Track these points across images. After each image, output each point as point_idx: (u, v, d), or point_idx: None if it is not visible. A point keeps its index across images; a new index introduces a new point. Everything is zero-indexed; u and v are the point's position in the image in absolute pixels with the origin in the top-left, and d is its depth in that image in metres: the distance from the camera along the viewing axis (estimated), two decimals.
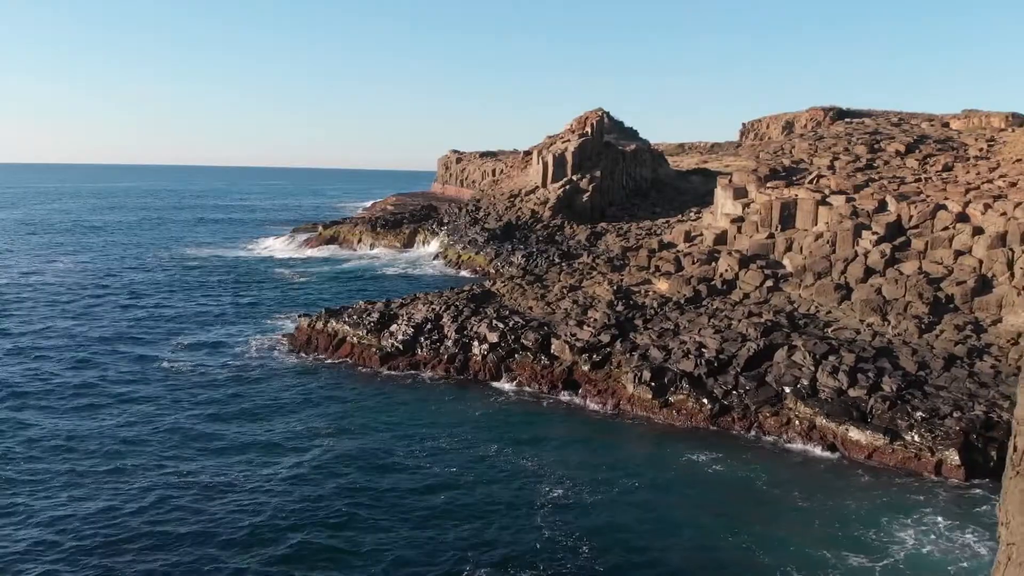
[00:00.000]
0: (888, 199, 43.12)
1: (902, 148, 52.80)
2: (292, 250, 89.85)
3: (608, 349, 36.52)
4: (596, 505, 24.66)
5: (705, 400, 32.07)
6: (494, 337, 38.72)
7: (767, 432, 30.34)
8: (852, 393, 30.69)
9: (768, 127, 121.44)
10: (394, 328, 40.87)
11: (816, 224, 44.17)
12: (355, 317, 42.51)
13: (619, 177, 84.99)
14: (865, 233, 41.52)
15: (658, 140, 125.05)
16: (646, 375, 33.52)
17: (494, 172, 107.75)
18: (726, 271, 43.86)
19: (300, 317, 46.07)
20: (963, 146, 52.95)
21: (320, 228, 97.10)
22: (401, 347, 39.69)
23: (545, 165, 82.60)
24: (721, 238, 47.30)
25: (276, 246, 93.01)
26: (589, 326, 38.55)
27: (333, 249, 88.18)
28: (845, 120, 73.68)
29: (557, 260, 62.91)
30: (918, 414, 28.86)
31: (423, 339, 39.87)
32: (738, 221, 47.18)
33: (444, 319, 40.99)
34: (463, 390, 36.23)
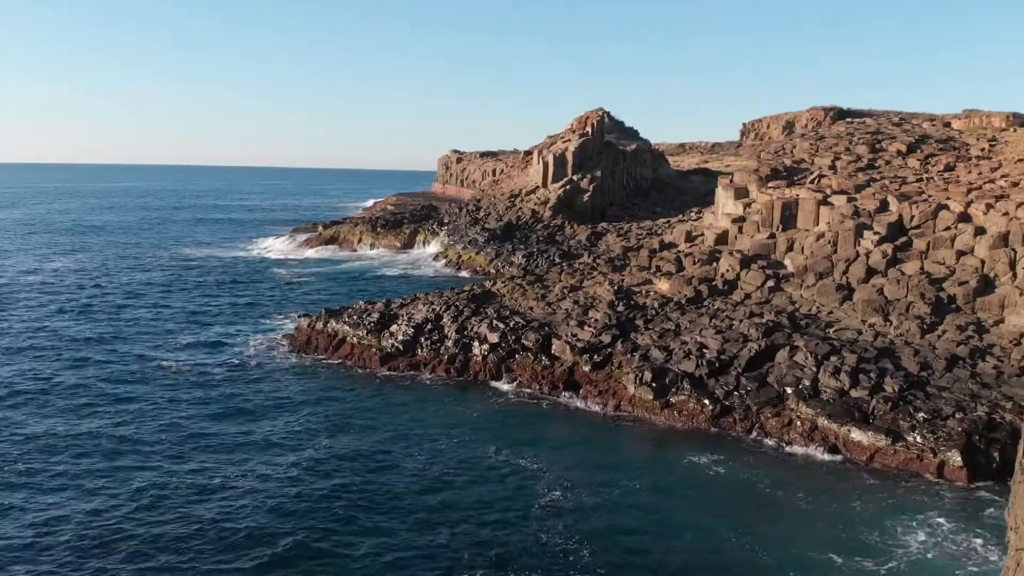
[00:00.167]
0: (890, 199, 42.98)
1: (903, 148, 52.66)
2: (292, 250, 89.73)
3: (609, 349, 36.39)
4: (596, 507, 24.51)
5: (706, 401, 31.94)
6: (495, 337, 38.60)
7: (769, 433, 30.20)
8: (854, 394, 30.56)
9: (768, 127, 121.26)
10: (394, 328, 40.75)
11: (817, 224, 44.04)
12: (355, 317, 42.38)
13: (620, 177, 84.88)
14: (867, 233, 41.39)
15: (659, 140, 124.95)
16: (647, 376, 33.39)
17: (494, 172, 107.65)
18: (727, 271, 43.73)
19: (300, 317, 45.97)
20: (965, 146, 52.81)
21: (320, 228, 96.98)
22: (401, 347, 39.57)
23: (545, 165, 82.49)
24: (722, 238, 47.16)
25: (276, 246, 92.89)
26: (590, 326, 38.43)
27: (333, 249, 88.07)
28: (846, 120, 73.55)
29: (558, 260, 62.80)
30: (920, 415, 28.74)
31: (423, 339, 39.75)
32: (739, 221, 47.05)
33: (444, 319, 40.86)
34: (463, 391, 36.11)
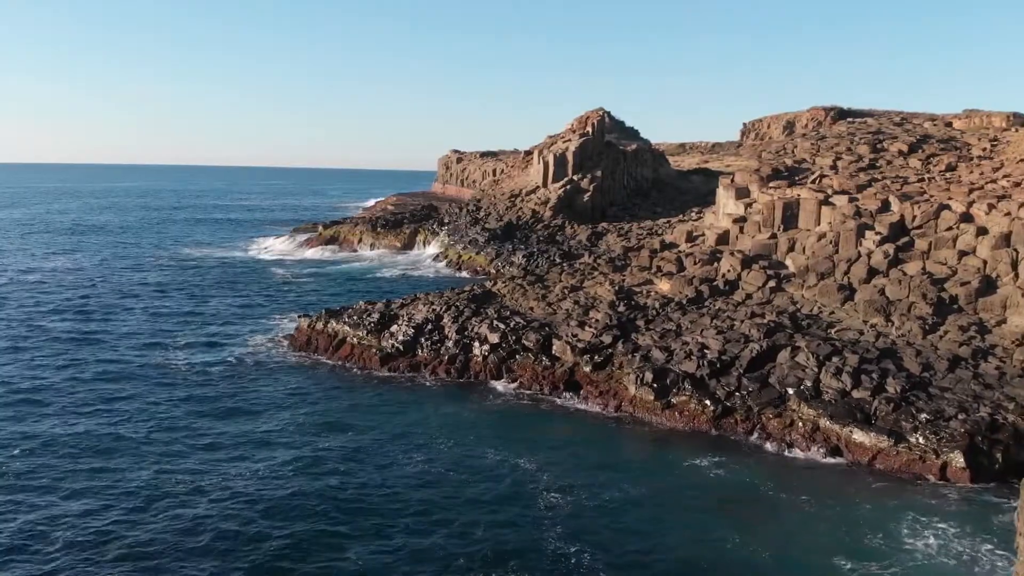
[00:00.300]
0: (891, 199, 42.86)
1: (905, 148, 52.54)
2: (292, 250, 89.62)
3: (610, 350, 36.27)
4: (596, 509, 24.35)
5: (708, 402, 31.82)
6: (495, 338, 38.49)
7: (770, 434, 30.05)
8: (856, 395, 30.44)
9: (769, 127, 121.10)
10: (394, 329, 40.63)
11: (819, 224, 43.92)
12: (355, 318, 42.27)
13: (620, 177, 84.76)
14: (868, 233, 41.26)
15: (659, 140, 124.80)
16: (648, 376, 33.27)
17: (495, 172, 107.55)
18: (728, 271, 43.61)
19: (300, 317, 45.85)
20: (966, 146, 52.69)
21: (320, 228, 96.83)
22: (401, 348, 39.45)
23: (546, 165, 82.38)
24: (723, 238, 47.04)
25: (276, 246, 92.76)
26: (591, 327, 38.31)
27: (333, 249, 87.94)
28: (847, 120, 73.41)
29: (558, 260, 62.70)
30: (923, 416, 28.61)
31: (424, 340, 39.64)
32: (740, 221, 46.93)
33: (445, 320, 40.74)
34: (463, 391, 35.99)
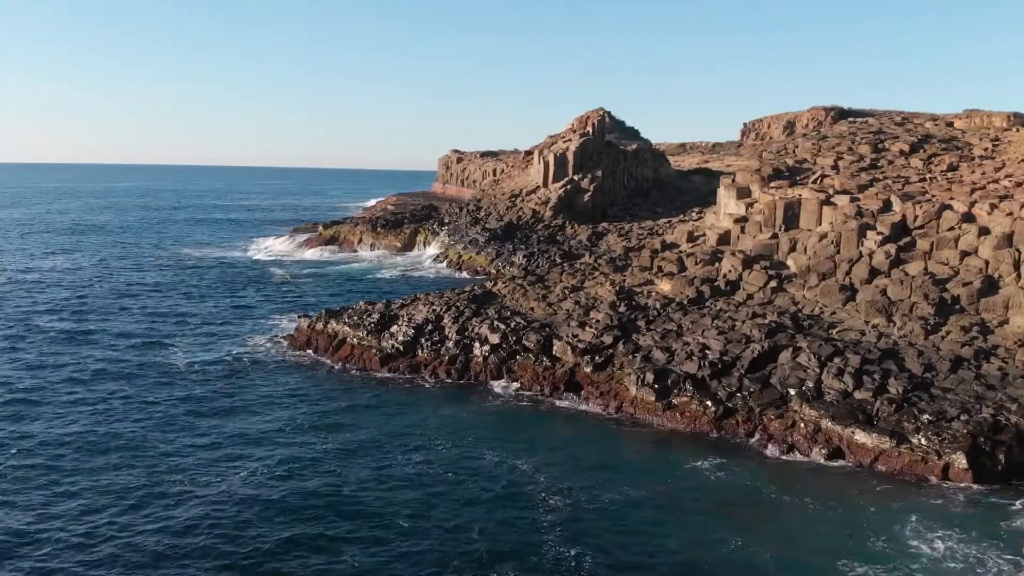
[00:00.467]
0: (893, 199, 42.74)
1: (906, 148, 52.39)
2: (292, 250, 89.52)
3: (610, 350, 36.15)
4: (596, 512, 24.16)
5: (709, 402, 31.69)
6: (495, 338, 38.38)
7: (772, 435, 29.91)
8: (858, 395, 30.32)
9: (769, 127, 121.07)
10: (394, 329, 40.52)
11: (820, 224, 43.80)
12: (355, 318, 42.16)
13: (620, 177, 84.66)
14: (870, 233, 41.14)
15: (659, 140, 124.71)
16: (649, 377, 33.15)
17: (495, 172, 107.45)
18: (729, 272, 43.50)
19: (300, 318, 45.75)
20: (968, 146, 52.55)
21: (320, 228, 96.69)
22: (401, 348, 39.34)
23: (546, 165, 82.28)
24: (724, 238, 46.92)
25: (276, 246, 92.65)
26: (591, 327, 38.19)
27: (333, 249, 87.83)
28: (848, 119, 73.27)
29: (559, 260, 62.60)
30: (925, 417, 28.49)
31: (424, 340, 39.52)
32: (741, 221, 46.81)
33: (445, 320, 40.63)
34: (463, 392, 35.89)
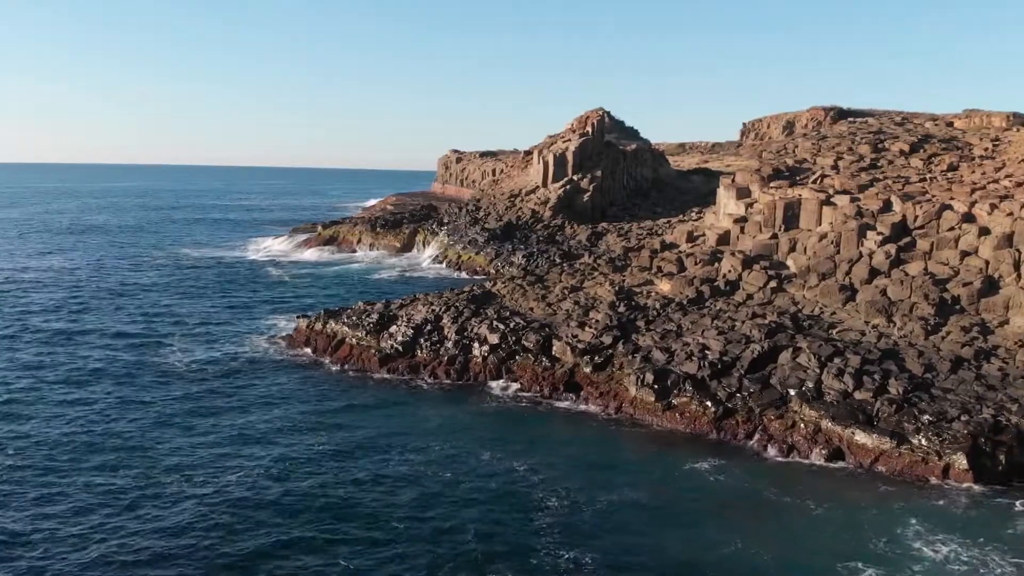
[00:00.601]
0: (893, 199, 42.67)
1: (906, 148, 52.32)
2: (291, 250, 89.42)
3: (610, 351, 36.08)
4: (595, 514, 23.99)
5: (708, 403, 31.60)
6: (495, 338, 38.29)
7: (772, 436, 29.81)
8: (858, 396, 30.24)
9: (769, 127, 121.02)
10: (393, 329, 40.44)
11: (820, 224, 43.73)
12: (354, 318, 42.08)
13: (620, 177, 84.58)
14: (870, 233, 41.08)
15: (659, 140, 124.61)
16: (648, 377, 33.07)
17: (494, 172, 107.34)
18: (729, 272, 43.42)
19: (298, 318, 45.68)
20: (968, 146, 52.48)
21: (319, 228, 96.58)
22: (400, 348, 39.25)
23: (546, 165, 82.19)
24: (724, 238, 46.85)
25: (275, 246, 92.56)
26: (591, 327, 38.11)
27: (332, 249, 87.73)
28: (848, 119, 73.20)
29: (558, 260, 62.53)
30: (925, 417, 28.42)
31: (423, 340, 39.44)
32: (741, 221, 46.74)
33: (444, 320, 40.55)
34: (462, 392, 35.81)
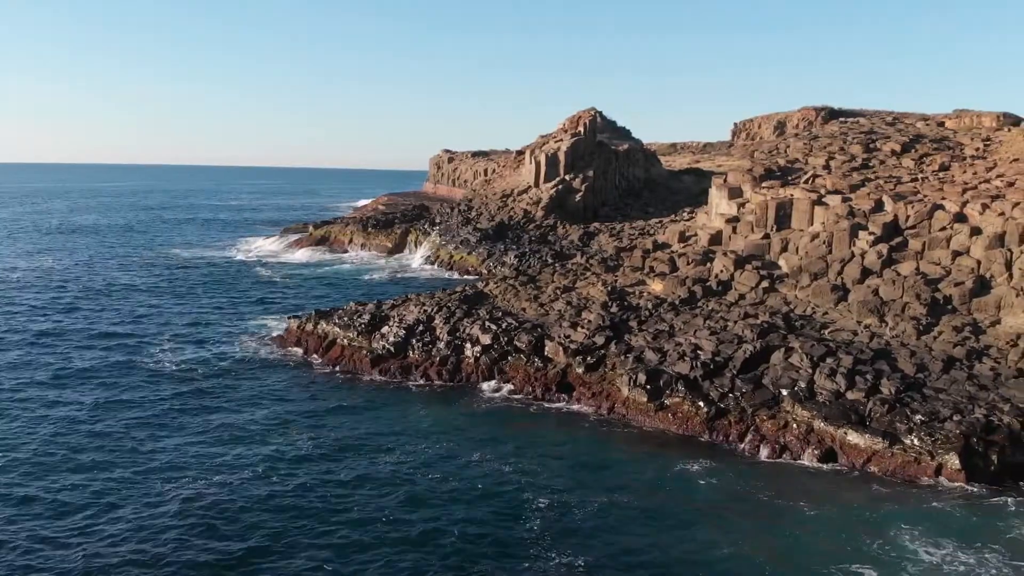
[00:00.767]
0: (885, 199, 42.73)
1: (898, 148, 52.42)
2: (282, 250, 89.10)
3: (602, 351, 35.98)
4: (587, 517, 23.81)
5: (701, 403, 31.52)
6: (487, 339, 38.15)
7: (764, 436, 29.74)
8: (850, 396, 30.21)
9: (760, 127, 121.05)
10: (385, 330, 40.25)
11: (812, 224, 43.75)
12: (345, 319, 41.88)
13: (612, 177, 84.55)
14: (862, 233, 41.11)
15: (650, 140, 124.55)
16: (641, 378, 32.99)
17: (486, 172, 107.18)
18: (721, 272, 43.40)
19: (289, 319, 45.46)
20: (959, 145, 52.61)
21: (311, 228, 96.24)
22: (392, 349, 39.07)
23: (538, 165, 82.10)
24: (716, 238, 46.84)
25: (266, 246, 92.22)
26: (583, 328, 38.02)
27: (323, 249, 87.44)
28: (839, 120, 73.31)
29: (550, 260, 62.41)
30: (917, 417, 28.41)
31: (415, 341, 39.27)
32: (733, 221, 46.74)
33: (436, 320, 40.39)
34: (454, 393, 35.66)
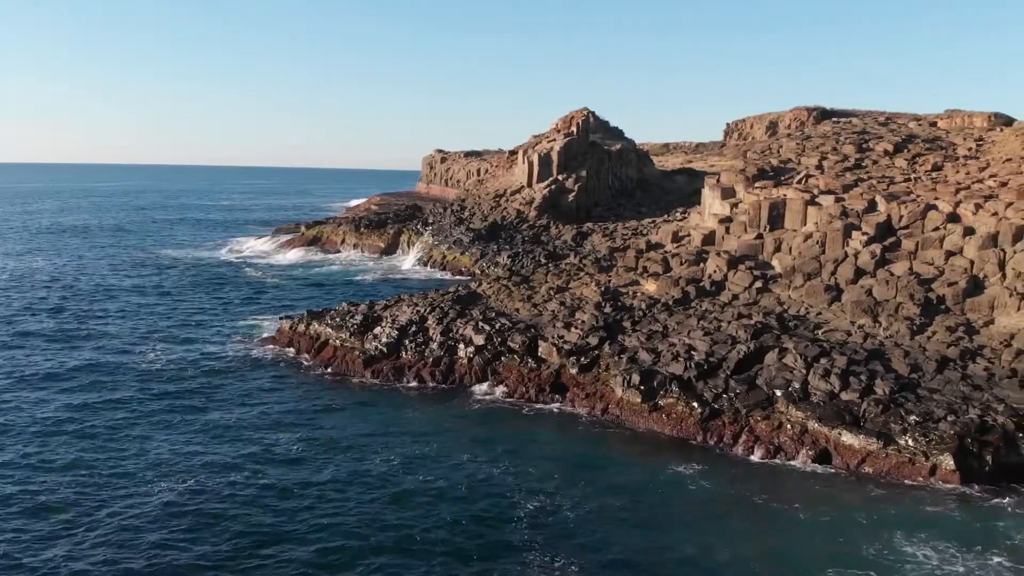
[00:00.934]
0: (878, 199, 42.69)
1: (890, 148, 52.39)
2: (274, 251, 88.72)
3: (596, 352, 35.83)
4: (580, 519, 23.59)
5: (695, 404, 31.40)
6: (480, 339, 37.96)
7: (758, 437, 29.63)
8: (844, 396, 30.13)
9: (752, 127, 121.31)
10: (378, 330, 40.02)
11: (805, 224, 43.68)
12: (338, 319, 41.63)
13: (605, 177, 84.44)
14: (855, 233, 41.05)
15: (643, 140, 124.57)
16: (635, 378, 32.85)
17: (479, 172, 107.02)
18: (715, 272, 43.29)
19: (281, 319, 45.21)
20: (952, 146, 52.62)
21: (303, 228, 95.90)
22: (385, 350, 38.84)
23: (530, 165, 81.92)
24: (709, 239, 46.73)
25: (258, 247, 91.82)
26: (577, 328, 37.86)
27: (316, 250, 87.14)
28: (832, 120, 73.35)
29: (543, 261, 62.24)
30: (912, 418, 28.33)
31: (408, 342, 39.04)
32: (726, 221, 46.63)
33: (429, 321, 40.17)
34: (447, 393, 35.49)
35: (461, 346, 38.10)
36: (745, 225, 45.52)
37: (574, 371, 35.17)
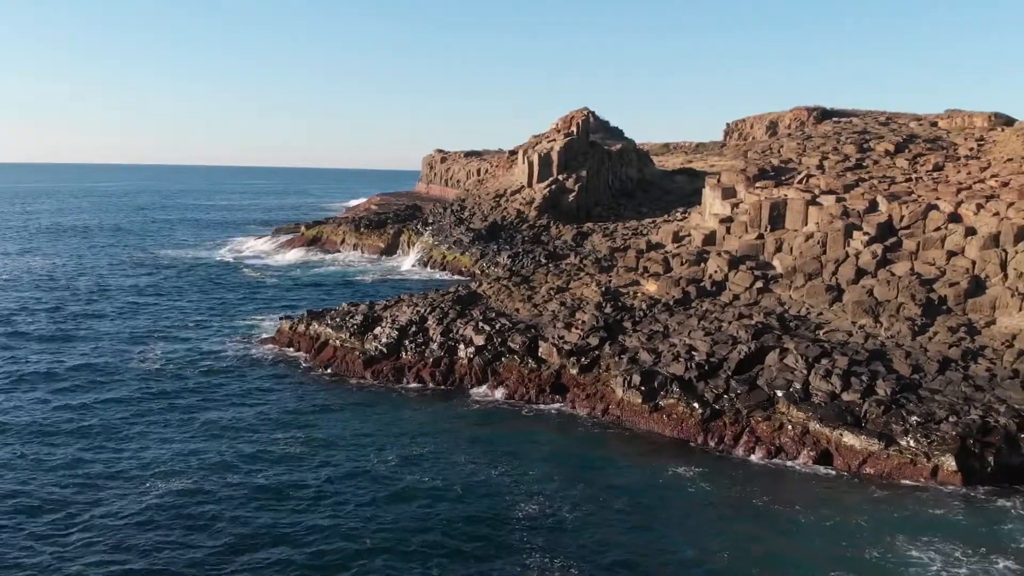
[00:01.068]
0: (879, 199, 42.57)
1: (891, 147, 52.29)
2: (274, 250, 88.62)
3: (597, 352, 35.71)
4: (579, 521, 23.43)
5: (696, 404, 31.27)
6: (480, 340, 37.84)
7: (759, 437, 29.50)
8: (846, 397, 30.01)
9: (752, 127, 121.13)
10: (378, 331, 39.90)
11: (806, 224, 43.56)
12: (338, 319, 41.51)
13: (605, 177, 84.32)
14: (856, 233, 40.94)
15: (643, 140, 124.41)
16: (636, 379, 32.72)
17: (479, 172, 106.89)
18: (715, 272, 43.17)
19: (281, 319, 45.10)
20: (953, 145, 52.52)
21: (303, 228, 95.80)
22: (385, 350, 38.72)
23: (531, 165, 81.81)
24: (710, 239, 46.61)
25: (258, 247, 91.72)
26: (577, 328, 37.73)
27: (316, 250, 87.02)
28: (832, 120, 73.23)
29: (543, 261, 62.14)
30: (913, 419, 28.20)
31: (408, 342, 38.92)
32: (727, 221, 46.51)
33: (429, 321, 40.05)
34: (446, 393, 35.38)
35: (461, 346, 37.98)
36: (746, 225, 45.40)
37: (574, 372, 35.05)
